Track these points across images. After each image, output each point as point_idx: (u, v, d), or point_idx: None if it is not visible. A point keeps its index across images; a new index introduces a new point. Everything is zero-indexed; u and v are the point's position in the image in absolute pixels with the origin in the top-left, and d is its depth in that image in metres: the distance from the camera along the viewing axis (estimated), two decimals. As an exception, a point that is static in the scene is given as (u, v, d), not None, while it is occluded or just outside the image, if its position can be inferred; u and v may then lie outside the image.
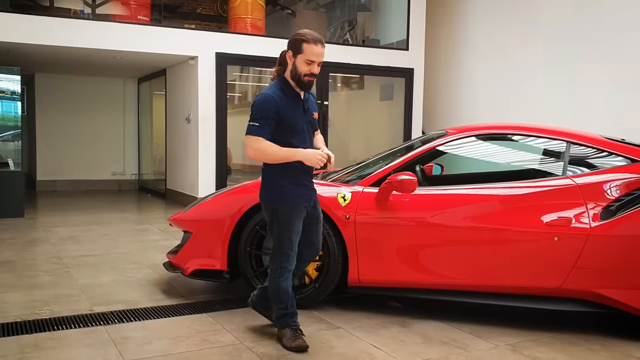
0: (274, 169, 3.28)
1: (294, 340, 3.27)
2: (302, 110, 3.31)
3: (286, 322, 3.35)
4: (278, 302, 3.35)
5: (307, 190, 3.34)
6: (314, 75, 3.24)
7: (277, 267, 3.30)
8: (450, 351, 3.30)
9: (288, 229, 3.25)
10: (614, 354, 3.29)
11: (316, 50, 3.18)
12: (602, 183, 3.62)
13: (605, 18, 7.98)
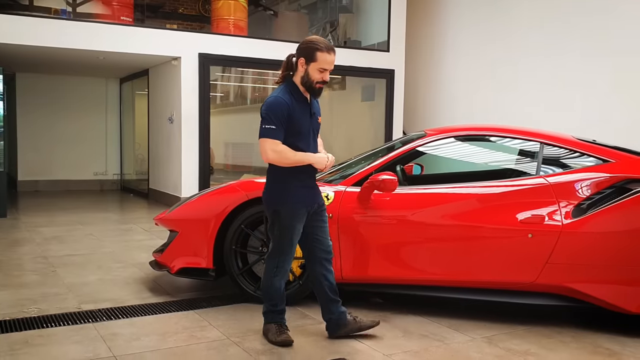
0: (279, 173, 3.33)
1: (279, 335, 3.38)
2: (309, 114, 3.38)
3: (272, 317, 3.46)
4: (269, 299, 3.44)
5: (310, 193, 3.40)
6: (326, 82, 3.32)
7: (274, 266, 3.37)
8: (429, 344, 3.44)
9: (289, 230, 3.31)
10: (584, 345, 3.45)
11: (329, 58, 3.25)
12: (574, 182, 3.78)
13: (584, 19, 8.22)
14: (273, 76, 10.61)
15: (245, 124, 11.12)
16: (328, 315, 3.52)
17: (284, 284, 3.46)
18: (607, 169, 3.82)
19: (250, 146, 11.01)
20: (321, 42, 3.27)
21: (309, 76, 3.28)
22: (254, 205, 4.19)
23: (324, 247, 3.46)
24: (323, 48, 3.23)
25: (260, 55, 9.40)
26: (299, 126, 3.30)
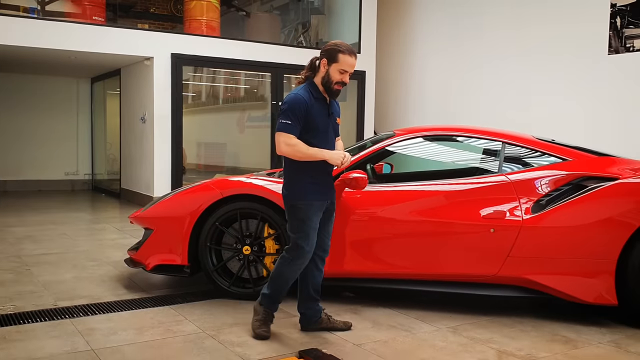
0: (294, 168, 3.42)
1: (260, 326, 3.48)
2: (327, 114, 3.47)
3: (267, 303, 3.53)
4: (273, 284, 3.49)
5: (325, 189, 3.48)
6: (344, 84, 3.43)
7: (292, 257, 3.42)
8: (397, 334, 3.60)
9: (306, 224, 3.37)
10: (543, 334, 3.65)
11: (350, 61, 3.37)
12: (534, 180, 3.99)
13: (550, 21, 8.53)
14: (245, 76, 10.70)
15: (218, 123, 11.18)
16: (303, 309, 3.64)
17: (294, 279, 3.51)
18: (564, 167, 4.03)
19: (223, 146, 11.07)
20: (344, 45, 3.41)
21: (330, 76, 3.39)
22: (228, 203, 4.30)
23: (323, 246, 3.56)
24: (345, 51, 3.37)
25: (233, 56, 9.49)
26: (316, 124, 3.39)
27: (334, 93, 3.45)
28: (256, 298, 4.18)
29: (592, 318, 3.92)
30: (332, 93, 3.45)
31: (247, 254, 4.29)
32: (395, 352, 3.31)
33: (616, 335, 3.62)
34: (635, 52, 7.77)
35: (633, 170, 4.03)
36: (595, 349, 3.40)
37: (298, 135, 3.34)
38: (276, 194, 4.19)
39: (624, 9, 7.90)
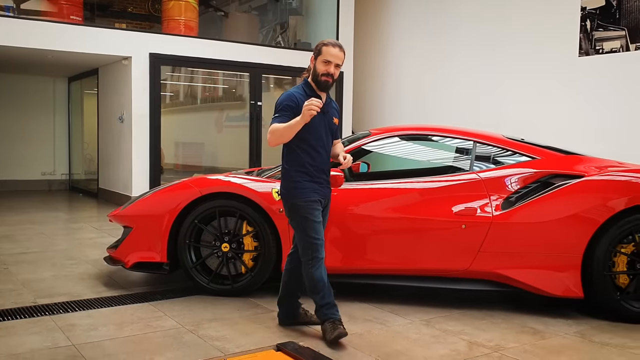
0: (290, 168, 3.47)
1: (333, 332, 3.35)
2: (322, 112, 3.46)
3: (324, 314, 3.44)
4: (314, 293, 3.45)
5: (321, 187, 3.50)
6: (330, 75, 3.45)
7: (308, 258, 3.42)
8: (372, 327, 3.71)
9: (308, 219, 3.41)
10: (513, 325, 3.79)
11: (333, 51, 3.43)
12: (504, 177, 4.13)
13: (522, 16, 8.74)
14: (223, 76, 10.74)
15: (196, 123, 11.19)
16: (283, 304, 3.70)
17: (326, 273, 3.47)
18: (533, 165, 4.19)
19: (201, 146, 11.09)
20: (329, 39, 3.51)
21: (316, 69, 3.46)
22: (207, 201, 4.37)
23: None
24: (328, 43, 3.46)
25: (211, 56, 9.54)
26: (310, 121, 3.35)
27: (322, 85, 3.48)
28: (235, 295, 4.30)
29: (560, 310, 4.08)
30: (320, 85, 3.49)
31: (226, 251, 4.36)
32: (370, 343, 3.42)
33: (582, 327, 3.77)
34: (605, 54, 8.00)
35: (599, 168, 4.20)
36: (562, 340, 3.55)
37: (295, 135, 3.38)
38: (254, 192, 4.28)
39: (593, 12, 8.13)
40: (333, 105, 3.67)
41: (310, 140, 3.46)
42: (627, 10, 7.82)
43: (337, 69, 3.48)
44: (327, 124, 3.56)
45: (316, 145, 3.48)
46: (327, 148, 3.56)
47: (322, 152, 3.51)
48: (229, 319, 3.83)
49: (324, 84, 3.49)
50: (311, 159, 3.46)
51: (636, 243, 3.84)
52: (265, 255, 4.29)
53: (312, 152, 3.47)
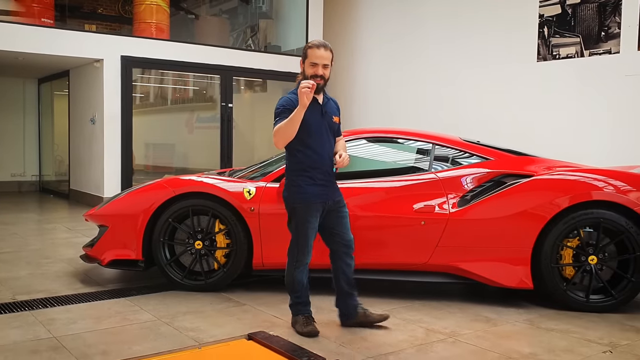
0: (294, 171, 3.56)
1: (306, 326, 3.56)
2: (320, 113, 3.56)
3: (299, 309, 3.66)
4: (292, 291, 3.64)
5: (323, 190, 3.55)
6: (319, 76, 3.49)
7: (294, 259, 3.58)
8: (337, 317, 3.94)
9: (304, 225, 3.52)
10: (468, 314, 4.08)
11: (318, 52, 3.48)
12: (460, 177, 4.43)
13: (483, 26, 9.12)
14: (193, 78, 10.88)
15: (166, 124, 11.30)
16: (340, 306, 3.77)
17: (307, 277, 3.64)
18: (487, 166, 4.50)
19: (171, 147, 11.20)
20: (313, 40, 3.58)
21: (305, 72, 3.53)
22: (180, 200, 4.57)
23: (344, 241, 3.67)
24: (313, 45, 3.52)
25: (183, 58, 9.69)
26: (307, 123, 3.46)
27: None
28: (208, 290, 4.51)
29: (512, 300, 4.39)
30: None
31: (199, 248, 4.57)
32: (335, 332, 3.67)
33: (531, 315, 4.08)
34: (561, 59, 8.41)
35: (548, 168, 4.53)
36: (512, 327, 3.85)
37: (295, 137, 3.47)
38: (226, 192, 4.50)
39: (550, 19, 8.54)
40: (332, 104, 3.72)
41: (310, 143, 3.52)
42: (581, 18, 8.24)
43: (326, 68, 3.53)
44: (327, 124, 3.61)
45: (317, 147, 3.53)
46: (328, 149, 3.61)
47: (323, 154, 3.56)
48: (203, 312, 4.04)
49: (316, 87, 3.50)
50: (312, 161, 3.53)
51: (581, 237, 4.16)
52: (237, 252, 4.51)
53: (313, 155, 3.53)
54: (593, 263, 4.14)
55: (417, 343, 3.49)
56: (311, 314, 3.69)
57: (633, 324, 3.89)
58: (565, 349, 3.42)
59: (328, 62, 3.55)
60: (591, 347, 3.47)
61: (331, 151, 3.64)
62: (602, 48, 8.03)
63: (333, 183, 3.65)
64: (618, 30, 7.86)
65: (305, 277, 3.63)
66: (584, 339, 3.59)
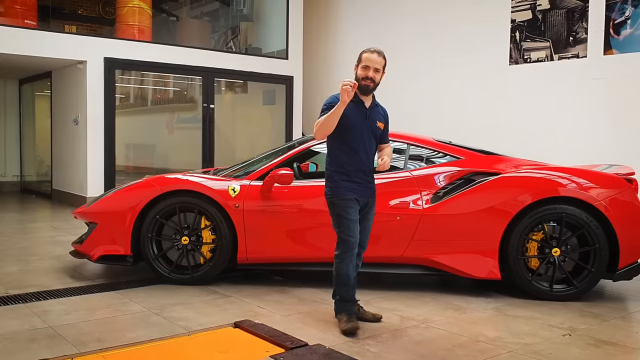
0: (331, 169, 3.72)
1: (347, 323, 3.63)
2: (364, 115, 3.71)
3: (343, 306, 3.75)
4: (340, 286, 3.73)
5: (359, 187, 3.70)
6: (370, 79, 3.66)
7: (340, 253, 3.69)
8: (318, 307, 4.21)
9: (344, 217, 3.65)
10: (440, 303, 4.35)
11: (371, 57, 3.68)
12: (433, 175, 4.71)
13: (458, 31, 9.45)
14: (174, 79, 11.04)
15: (147, 125, 11.41)
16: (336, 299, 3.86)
17: (353, 270, 3.72)
18: (458, 164, 4.79)
19: (152, 147, 11.34)
20: (369, 47, 3.76)
21: (357, 75, 3.69)
22: (167, 198, 4.78)
23: (361, 243, 3.78)
24: (367, 50, 3.72)
25: (165, 60, 9.85)
26: (350, 123, 3.63)
27: (363, 88, 3.68)
28: (194, 283, 4.73)
29: (481, 290, 4.67)
30: (361, 88, 3.68)
31: (186, 243, 4.78)
32: (317, 320, 3.92)
33: (499, 303, 4.37)
34: (532, 63, 8.77)
35: (514, 166, 4.83)
36: (480, 314, 4.13)
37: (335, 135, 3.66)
38: (211, 189, 4.72)
39: (522, 24, 8.89)
40: (379, 110, 3.86)
41: (350, 142, 3.67)
42: (551, 24, 8.61)
43: (377, 73, 3.70)
44: (369, 127, 3.74)
45: (355, 147, 3.68)
46: (368, 150, 3.74)
47: (361, 154, 3.70)
48: (190, 304, 4.26)
49: (365, 87, 3.69)
50: (350, 159, 3.68)
51: (545, 231, 4.47)
52: (222, 247, 4.73)
53: (351, 153, 3.68)
54: (556, 255, 4.44)
55: (392, 329, 3.76)
56: (355, 311, 3.77)
57: (591, 311, 4.20)
58: (529, 333, 3.71)
59: (380, 67, 3.71)
60: (552, 331, 3.76)
61: (371, 153, 3.78)
62: (570, 52, 8.40)
63: (369, 184, 3.79)
64: (585, 36, 8.23)
65: (352, 271, 3.71)
66: (546, 324, 3.88)
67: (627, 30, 7.82)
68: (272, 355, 3.24)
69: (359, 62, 3.73)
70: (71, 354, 3.22)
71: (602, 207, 4.37)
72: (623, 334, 3.76)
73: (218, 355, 3.29)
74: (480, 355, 3.32)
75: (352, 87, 3.47)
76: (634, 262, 4.48)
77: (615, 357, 3.34)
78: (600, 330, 3.78)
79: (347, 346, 3.41)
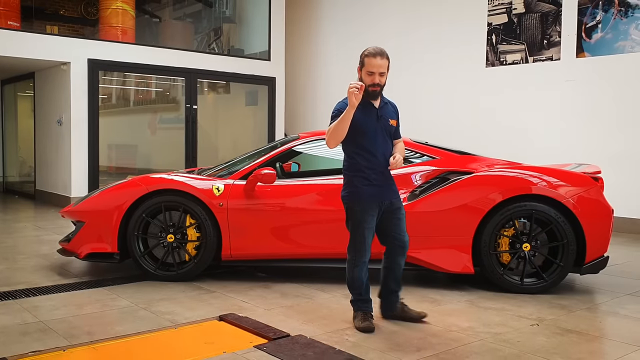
0: (351, 171, 3.71)
1: (363, 321, 3.70)
2: (375, 117, 3.69)
3: (359, 306, 3.80)
4: (352, 288, 3.78)
5: (378, 190, 3.68)
6: (377, 84, 3.62)
7: (352, 257, 3.72)
8: (300, 301, 4.39)
9: (360, 225, 3.66)
10: (416, 296, 4.55)
11: (374, 62, 3.57)
12: (410, 174, 4.91)
13: (441, 36, 9.69)
14: (156, 80, 11.15)
15: (129, 125, 11.49)
16: (383, 299, 3.96)
17: (366, 275, 3.77)
18: (434, 164, 5.00)
19: (134, 148, 11.42)
20: (370, 49, 3.62)
21: (363, 80, 3.62)
22: (153, 197, 4.93)
23: (400, 242, 3.80)
24: (369, 53, 3.60)
25: (149, 62, 9.97)
26: (362, 126, 3.62)
27: (370, 95, 3.65)
28: (180, 280, 4.88)
29: (456, 284, 4.88)
30: (368, 95, 3.64)
31: (171, 241, 4.93)
32: (298, 313, 4.09)
33: (472, 296, 4.58)
34: (508, 65, 9.03)
35: (487, 166, 5.05)
36: (454, 306, 4.34)
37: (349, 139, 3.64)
38: (195, 189, 4.88)
39: (498, 27, 9.16)
40: (389, 108, 3.82)
41: (366, 145, 3.66)
42: (525, 27, 8.88)
43: (383, 76, 3.64)
44: (383, 127, 3.72)
45: (372, 149, 3.66)
46: (384, 151, 3.72)
47: (378, 156, 3.68)
48: (176, 299, 4.41)
49: (372, 94, 3.66)
50: (369, 162, 3.66)
51: (516, 227, 4.68)
52: (207, 244, 4.88)
53: (369, 157, 3.67)
54: (527, 250, 4.66)
55: (370, 320, 3.95)
56: (371, 310, 3.81)
57: (560, 302, 4.43)
58: (499, 323, 3.92)
59: (384, 70, 3.64)
60: (521, 321, 3.97)
61: (388, 153, 3.74)
62: (544, 55, 8.68)
63: (389, 184, 3.77)
64: (559, 39, 8.51)
65: (364, 275, 3.74)
66: (516, 315, 4.10)
67: (598, 34, 8.11)
68: (255, 346, 3.41)
69: (362, 65, 3.65)
70: (63, 345, 3.36)
71: (569, 204, 4.60)
72: (587, 323, 3.98)
73: (204, 346, 3.45)
74: (453, 343, 3.52)
75: (359, 90, 3.43)
76: (599, 256, 4.71)
77: (578, 345, 3.56)
78: (567, 320, 4.00)
79: (327, 336, 3.59)
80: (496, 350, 3.42)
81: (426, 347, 3.45)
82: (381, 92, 3.73)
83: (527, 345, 3.52)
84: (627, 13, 7.86)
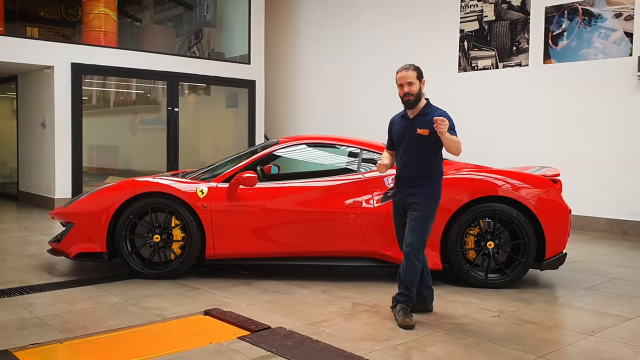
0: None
1: (404, 318, 3.97)
2: (404, 127, 4.16)
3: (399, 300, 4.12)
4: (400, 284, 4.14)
5: (400, 191, 4.17)
6: (408, 94, 4.06)
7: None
8: (280, 296, 4.69)
9: (393, 219, 4.32)
10: (389, 292, 4.82)
11: (399, 75, 4.09)
12: (383, 177, 5.23)
13: (416, 42, 10.03)
14: (137, 82, 11.32)
15: (111, 127, 11.61)
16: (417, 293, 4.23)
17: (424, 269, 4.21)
18: (405, 167, 5.31)
19: (115, 149, 11.58)
20: (402, 66, 4.15)
21: (399, 94, 4.15)
22: (140, 199, 5.19)
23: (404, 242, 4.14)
24: (398, 70, 4.12)
25: (131, 65, 10.18)
26: (395, 136, 4.24)
27: (406, 104, 4.12)
28: (166, 278, 5.14)
29: (427, 280, 5.22)
30: (405, 105, 4.14)
31: (157, 241, 5.19)
32: (279, 307, 4.40)
33: (440, 291, 4.90)
34: (479, 70, 9.42)
35: (456, 169, 5.39)
36: (424, 300, 4.67)
37: (389, 147, 4.36)
38: (180, 191, 5.15)
39: (470, 34, 9.54)
40: (425, 118, 4.08)
41: (398, 152, 4.23)
42: (496, 34, 9.28)
43: (412, 85, 4.04)
44: (410, 136, 4.10)
45: (401, 156, 4.18)
46: (410, 158, 4.11)
47: (404, 161, 4.14)
48: (163, 295, 4.68)
49: (407, 103, 4.11)
50: (400, 166, 4.19)
51: (481, 226, 5.03)
52: (192, 244, 5.16)
53: (398, 162, 4.20)
54: (491, 248, 5.01)
55: (345, 313, 4.27)
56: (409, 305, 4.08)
57: (521, 296, 4.79)
58: (463, 315, 4.26)
59: (412, 79, 4.05)
60: (484, 313, 4.32)
61: (414, 160, 4.10)
62: (514, 61, 9.08)
63: (409, 188, 4.12)
64: (527, 46, 8.92)
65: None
66: (480, 308, 4.45)
67: (564, 41, 8.53)
68: (239, 337, 3.71)
69: (396, 83, 4.13)
70: (60, 338, 3.62)
71: (530, 205, 4.96)
72: (544, 315, 4.34)
73: (191, 338, 3.74)
74: (420, 332, 3.86)
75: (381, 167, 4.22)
76: (558, 253, 5.09)
77: (534, 334, 3.91)
78: (526, 312, 4.36)
79: (305, 328, 3.89)
80: (459, 338, 3.76)
81: (395, 336, 3.78)
82: (417, 100, 4.09)
83: (487, 334, 3.86)
84: (590, 22, 8.29)
